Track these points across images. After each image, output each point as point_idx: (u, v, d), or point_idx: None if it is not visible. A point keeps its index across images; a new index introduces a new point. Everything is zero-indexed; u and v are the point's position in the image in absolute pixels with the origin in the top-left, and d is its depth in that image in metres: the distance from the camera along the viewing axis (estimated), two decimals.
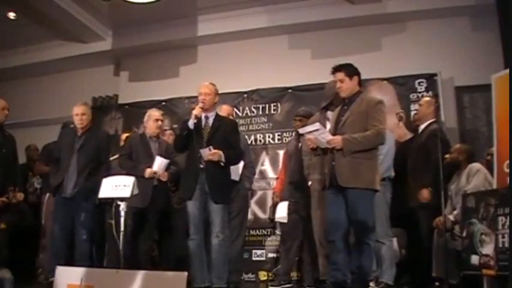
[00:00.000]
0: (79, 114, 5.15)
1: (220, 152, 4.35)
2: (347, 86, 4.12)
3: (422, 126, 5.24)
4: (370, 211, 3.95)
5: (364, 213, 3.88)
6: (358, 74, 4.17)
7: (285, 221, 5.27)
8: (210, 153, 4.30)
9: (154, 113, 5.41)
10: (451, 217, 4.74)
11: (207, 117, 4.58)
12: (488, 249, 3.94)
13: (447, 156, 4.87)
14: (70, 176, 5.03)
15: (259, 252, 6.43)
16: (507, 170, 4.24)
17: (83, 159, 5.09)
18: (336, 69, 4.16)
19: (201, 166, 4.36)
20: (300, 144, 5.35)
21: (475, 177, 4.64)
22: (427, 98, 5.56)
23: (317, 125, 4.03)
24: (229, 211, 4.68)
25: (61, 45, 7.98)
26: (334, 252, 3.99)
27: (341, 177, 3.90)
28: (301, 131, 4.26)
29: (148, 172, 5.08)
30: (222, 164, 4.40)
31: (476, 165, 4.81)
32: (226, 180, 4.58)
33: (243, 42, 7.34)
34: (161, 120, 5.45)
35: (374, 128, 3.94)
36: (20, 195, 5.19)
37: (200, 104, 4.48)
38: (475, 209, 4.18)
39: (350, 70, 4.13)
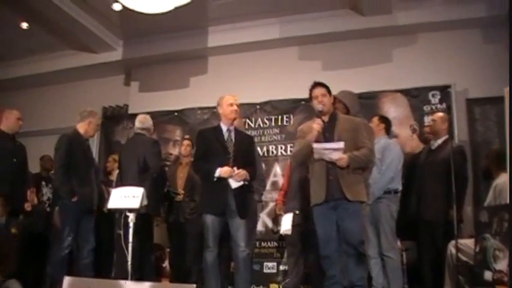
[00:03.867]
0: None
1: (245, 172, 4.39)
2: (329, 102, 4.18)
3: (439, 141, 5.24)
4: (362, 223, 4.14)
5: (360, 225, 4.05)
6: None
7: (290, 233, 5.22)
8: (236, 175, 4.34)
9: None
10: None
11: (229, 131, 4.58)
12: (501, 265, 3.87)
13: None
14: (94, 187, 5.09)
15: (270, 264, 6.39)
16: None
17: (95, 168, 5.22)
18: (320, 84, 4.22)
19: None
20: None
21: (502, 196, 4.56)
22: (441, 114, 5.49)
23: (341, 144, 3.98)
24: None
25: (72, 55, 8.04)
26: (330, 266, 4.02)
27: (349, 192, 3.97)
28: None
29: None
30: (246, 183, 4.46)
31: (500, 180, 4.70)
32: (248, 196, 4.68)
33: (254, 53, 7.35)
34: None
35: (365, 145, 4.08)
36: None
37: None
38: (488, 224, 4.12)
39: (328, 88, 4.21)
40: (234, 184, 4.36)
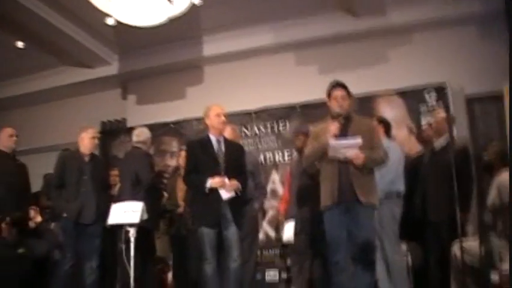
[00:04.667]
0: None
1: (237, 182, 4.34)
2: (348, 105, 4.12)
3: (442, 141, 5.06)
4: (373, 228, 4.12)
5: (372, 231, 4.03)
6: None
7: (292, 241, 5.16)
8: (229, 186, 4.28)
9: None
10: None
11: (219, 142, 4.52)
12: (507, 265, 3.82)
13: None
14: (89, 201, 5.00)
15: (272, 273, 6.33)
16: None
17: (97, 184, 5.12)
18: (342, 85, 4.16)
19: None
20: None
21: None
22: (442, 114, 5.33)
23: (359, 139, 3.89)
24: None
25: (68, 71, 8.05)
26: (339, 272, 3.94)
27: (362, 194, 3.90)
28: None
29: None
30: (238, 193, 4.39)
31: (502, 178, 4.58)
32: (244, 205, 4.66)
33: (249, 61, 7.32)
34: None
35: (380, 146, 4.06)
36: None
37: None
38: (492, 224, 4.07)
39: (348, 90, 4.17)
40: (224, 195, 4.29)
